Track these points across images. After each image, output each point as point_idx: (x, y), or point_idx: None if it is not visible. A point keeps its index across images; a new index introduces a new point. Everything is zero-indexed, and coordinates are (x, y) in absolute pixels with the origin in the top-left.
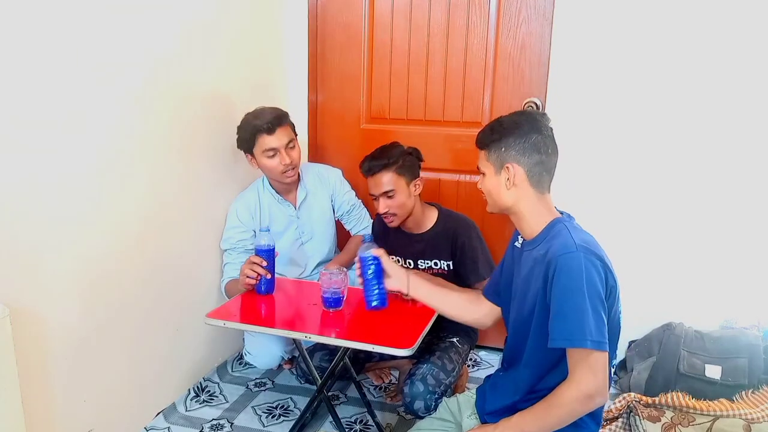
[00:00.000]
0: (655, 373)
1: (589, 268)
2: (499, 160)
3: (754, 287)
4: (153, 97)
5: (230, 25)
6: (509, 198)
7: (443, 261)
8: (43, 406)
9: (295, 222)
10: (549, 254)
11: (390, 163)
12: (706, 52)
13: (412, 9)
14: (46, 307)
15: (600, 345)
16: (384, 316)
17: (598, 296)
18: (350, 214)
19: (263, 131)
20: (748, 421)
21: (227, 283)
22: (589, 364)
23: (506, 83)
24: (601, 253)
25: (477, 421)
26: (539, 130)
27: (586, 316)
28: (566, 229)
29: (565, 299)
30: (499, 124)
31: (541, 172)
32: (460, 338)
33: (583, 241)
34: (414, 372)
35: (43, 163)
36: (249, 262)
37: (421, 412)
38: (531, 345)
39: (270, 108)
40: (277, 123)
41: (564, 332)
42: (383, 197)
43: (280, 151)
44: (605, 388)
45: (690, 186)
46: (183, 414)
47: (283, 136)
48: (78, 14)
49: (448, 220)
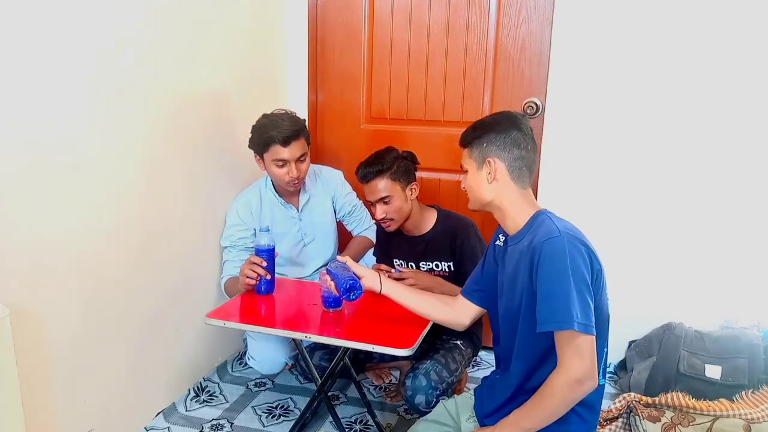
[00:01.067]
0: (655, 373)
1: (573, 252)
2: (481, 156)
3: (754, 287)
4: (153, 98)
5: (230, 25)
6: (490, 192)
7: (444, 262)
8: (43, 406)
9: (297, 224)
10: (533, 243)
11: (384, 169)
12: (706, 52)
13: (412, 9)
14: (46, 308)
15: (587, 328)
16: (384, 317)
17: (583, 280)
18: (351, 215)
19: (278, 142)
20: (748, 421)
21: (227, 281)
22: (576, 347)
23: (506, 83)
24: (585, 239)
25: (476, 424)
26: (519, 128)
27: (571, 299)
28: (549, 218)
29: (551, 283)
30: (481, 123)
31: (521, 167)
32: (464, 341)
33: (566, 228)
34: (417, 366)
35: (43, 163)
36: (249, 262)
37: (422, 407)
38: (521, 336)
39: (289, 117)
40: (294, 136)
41: (550, 315)
42: (379, 203)
43: (290, 163)
44: (594, 371)
45: (690, 186)
46: (183, 414)
47: (296, 150)
48: (76, 13)
49: (446, 221)
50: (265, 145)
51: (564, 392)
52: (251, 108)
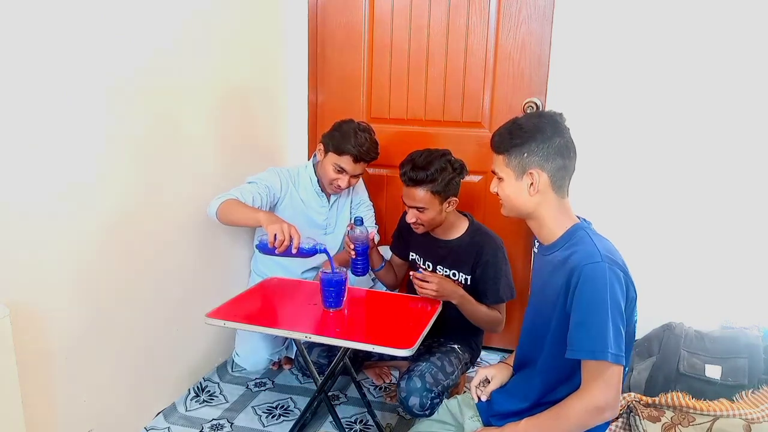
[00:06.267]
0: (655, 373)
1: (612, 280)
2: (520, 166)
3: (754, 287)
4: (152, 97)
5: (230, 25)
6: (531, 204)
7: (462, 274)
8: (43, 406)
9: (326, 214)
10: (572, 261)
11: (427, 181)
12: (707, 52)
13: (412, 9)
14: (46, 307)
15: (618, 359)
16: (384, 317)
17: (619, 309)
18: (357, 211)
19: (352, 155)
20: (748, 421)
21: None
22: (605, 378)
23: (506, 83)
24: (624, 262)
25: (480, 424)
26: (561, 134)
27: (607, 329)
28: (588, 236)
29: (588, 311)
30: (519, 128)
31: (563, 177)
32: (461, 346)
33: (606, 251)
34: (412, 368)
35: (43, 162)
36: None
37: (416, 409)
38: (547, 352)
39: (372, 141)
40: (366, 159)
41: (585, 344)
42: (413, 209)
43: (347, 173)
44: (617, 402)
45: (690, 186)
46: (183, 414)
47: (359, 169)
48: (75, 13)
49: (476, 235)
50: (340, 149)
51: (582, 417)
52: (251, 108)
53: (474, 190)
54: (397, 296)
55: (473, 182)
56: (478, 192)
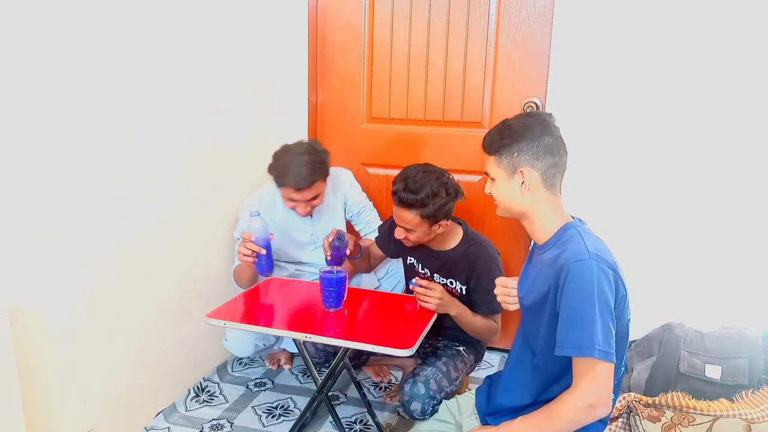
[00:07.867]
0: (655, 373)
1: (600, 277)
2: (511, 166)
3: (754, 287)
4: (152, 98)
5: (230, 25)
6: (523, 203)
7: (459, 283)
8: (43, 406)
9: (310, 229)
10: (561, 259)
11: (418, 205)
12: (707, 51)
13: (412, 9)
14: (46, 307)
15: (607, 356)
16: (384, 317)
17: (608, 306)
18: (359, 216)
19: (290, 186)
20: (748, 421)
21: (234, 269)
22: (594, 375)
23: (506, 83)
24: (613, 260)
25: (477, 422)
26: (550, 132)
27: (594, 325)
28: (579, 234)
29: (575, 308)
30: (509, 128)
31: (554, 174)
32: (466, 348)
33: (596, 249)
34: (418, 372)
35: (44, 163)
36: (242, 241)
37: (417, 414)
38: (540, 351)
39: (308, 161)
40: (308, 184)
41: (572, 341)
42: (401, 228)
43: (301, 203)
44: (609, 398)
45: (690, 186)
46: (183, 414)
47: (309, 193)
48: (75, 14)
49: (470, 245)
50: (281, 184)
51: (574, 414)
52: (251, 108)
53: (474, 191)
54: (397, 296)
55: (473, 182)
56: (477, 192)
